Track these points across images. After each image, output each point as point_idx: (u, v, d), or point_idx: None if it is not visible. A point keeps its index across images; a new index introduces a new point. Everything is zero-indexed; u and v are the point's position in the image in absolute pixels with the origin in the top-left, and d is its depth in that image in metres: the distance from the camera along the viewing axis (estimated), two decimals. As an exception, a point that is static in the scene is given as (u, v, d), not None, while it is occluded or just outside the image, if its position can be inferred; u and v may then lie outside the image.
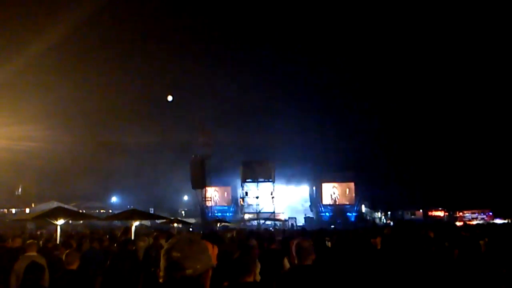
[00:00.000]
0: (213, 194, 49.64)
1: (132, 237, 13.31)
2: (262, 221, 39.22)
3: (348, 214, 45.36)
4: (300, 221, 42.74)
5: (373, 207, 48.25)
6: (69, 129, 44.07)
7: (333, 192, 48.09)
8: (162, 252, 2.28)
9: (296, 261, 4.68)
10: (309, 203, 48.79)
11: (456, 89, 50.88)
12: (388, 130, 50.26)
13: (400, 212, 47.40)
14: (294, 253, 4.68)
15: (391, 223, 40.78)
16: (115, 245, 11.17)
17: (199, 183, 43.14)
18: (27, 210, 36.99)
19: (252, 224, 36.70)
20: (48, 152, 39.42)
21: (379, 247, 9.94)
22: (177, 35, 60.54)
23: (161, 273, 2.26)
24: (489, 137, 46.43)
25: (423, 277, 9.62)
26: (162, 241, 11.46)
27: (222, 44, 60.77)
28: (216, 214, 47.76)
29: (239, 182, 47.49)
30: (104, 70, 50.21)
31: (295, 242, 4.75)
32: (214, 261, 4.85)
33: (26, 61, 35.13)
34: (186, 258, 2.22)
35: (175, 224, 26.01)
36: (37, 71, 43.57)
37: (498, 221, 37.84)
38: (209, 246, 5.12)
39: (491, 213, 43.83)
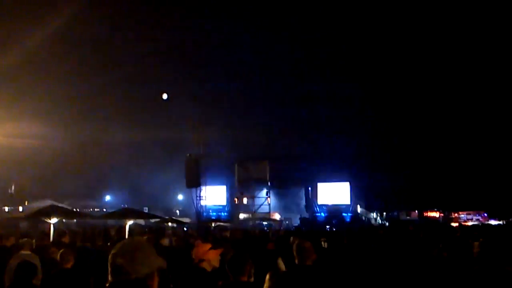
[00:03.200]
0: (208, 194, 49.54)
1: (126, 236, 13.25)
2: (257, 221, 39.17)
3: (344, 214, 45.35)
4: (295, 221, 42.76)
5: (369, 208, 48.28)
6: (63, 127, 43.82)
7: (328, 192, 48.08)
8: (109, 256, 2.36)
9: (296, 261, 4.68)
10: (304, 203, 48.75)
11: (453, 91, 51.00)
12: (385, 130, 50.31)
13: (395, 213, 47.54)
14: (295, 253, 4.68)
15: (387, 224, 40.87)
16: (109, 244, 11.10)
17: (194, 182, 43.03)
18: (21, 208, 36.77)
19: (247, 224, 36.62)
20: (42, 149, 39.24)
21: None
22: (172, 32, 60.34)
23: (108, 277, 2.34)
24: (485, 139, 46.55)
25: (416, 276, 9.61)
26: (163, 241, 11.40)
27: (218, 42, 60.70)
28: (211, 214, 47.71)
29: (234, 181, 47.43)
30: (99, 67, 49.97)
31: (296, 242, 4.76)
32: (216, 264, 4.83)
33: (21, 57, 34.89)
34: (129, 263, 2.30)
35: (170, 224, 25.97)
36: (33, 67, 43.28)
37: (492, 222, 37.99)
38: (211, 249, 5.08)
39: (486, 214, 44.04)
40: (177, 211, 50.33)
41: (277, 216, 45.05)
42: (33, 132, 35.48)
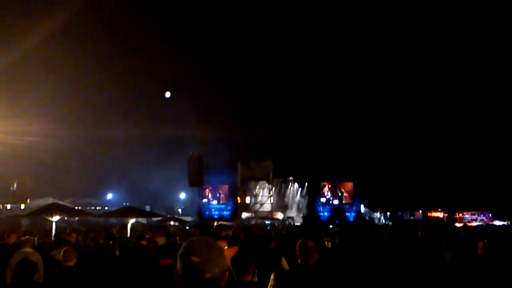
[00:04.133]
0: (211, 192, 49.63)
1: (128, 235, 13.21)
2: (259, 220, 39.16)
3: (347, 214, 45.28)
4: (298, 220, 42.72)
5: (372, 207, 48.22)
6: (65, 124, 43.82)
7: (331, 191, 48.05)
8: (180, 255, 2.33)
9: (299, 260, 4.65)
10: (307, 202, 48.73)
11: (456, 90, 50.87)
12: (388, 130, 50.19)
13: (399, 213, 47.54)
14: (297, 252, 4.65)
15: (390, 224, 40.81)
16: (111, 242, 11.08)
17: (197, 181, 43.06)
18: (22, 206, 36.88)
19: (249, 223, 36.57)
20: (44, 147, 39.25)
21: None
22: (176, 30, 60.30)
23: (179, 276, 2.31)
24: (489, 138, 46.43)
25: (419, 275, 9.57)
26: (159, 239, 11.37)
27: (221, 40, 60.63)
28: (213, 213, 47.75)
29: (236, 180, 47.44)
30: (101, 65, 49.95)
31: (299, 241, 4.74)
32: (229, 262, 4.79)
33: (24, 54, 34.92)
34: (205, 262, 2.29)
35: (172, 222, 25.95)
36: (34, 65, 43.31)
37: (497, 222, 37.92)
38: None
39: (490, 215, 43.98)
40: (179, 210, 50.38)
41: (279, 215, 45.01)
42: (35, 130, 35.50)
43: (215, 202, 50.30)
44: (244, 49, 58.14)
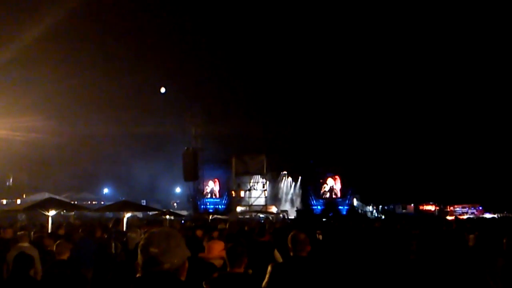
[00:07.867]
0: (206, 187, 49.72)
1: (124, 229, 13.35)
2: (254, 214, 39.27)
3: (340, 207, 45.49)
4: (292, 214, 42.85)
5: (365, 201, 48.44)
6: (61, 120, 43.73)
7: (324, 185, 48.21)
8: (139, 247, 2.33)
9: (291, 253, 4.71)
10: (300, 196, 48.90)
11: (449, 84, 51.05)
12: (380, 124, 50.39)
13: (391, 206, 47.85)
14: (289, 245, 4.70)
15: (383, 217, 41.08)
16: (105, 236, 11.20)
17: (192, 175, 43.06)
18: (18, 201, 36.79)
19: (244, 217, 36.68)
20: (40, 142, 39.14)
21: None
22: (170, 26, 60.11)
23: (139, 268, 2.31)
24: (481, 133, 46.70)
25: (412, 266, 9.74)
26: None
27: (216, 35, 60.49)
28: (208, 207, 47.84)
29: (231, 174, 47.50)
30: (96, 61, 49.80)
31: (291, 234, 4.79)
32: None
33: (19, 52, 34.76)
34: (163, 253, 2.26)
35: (167, 216, 26.05)
36: (30, 62, 43.11)
37: (487, 215, 38.22)
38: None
39: (481, 208, 44.32)
40: (175, 204, 50.43)
41: (274, 209, 45.11)
42: (31, 125, 35.42)
43: (210, 196, 50.39)
44: (239, 45, 58.14)
